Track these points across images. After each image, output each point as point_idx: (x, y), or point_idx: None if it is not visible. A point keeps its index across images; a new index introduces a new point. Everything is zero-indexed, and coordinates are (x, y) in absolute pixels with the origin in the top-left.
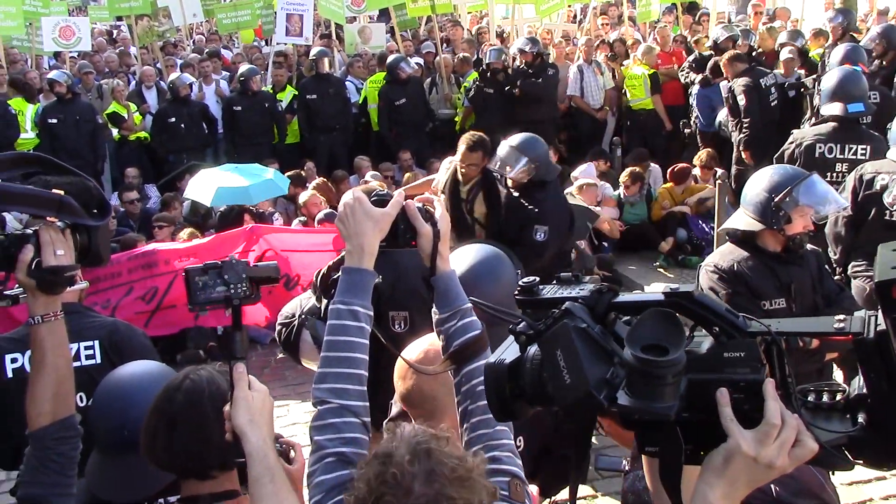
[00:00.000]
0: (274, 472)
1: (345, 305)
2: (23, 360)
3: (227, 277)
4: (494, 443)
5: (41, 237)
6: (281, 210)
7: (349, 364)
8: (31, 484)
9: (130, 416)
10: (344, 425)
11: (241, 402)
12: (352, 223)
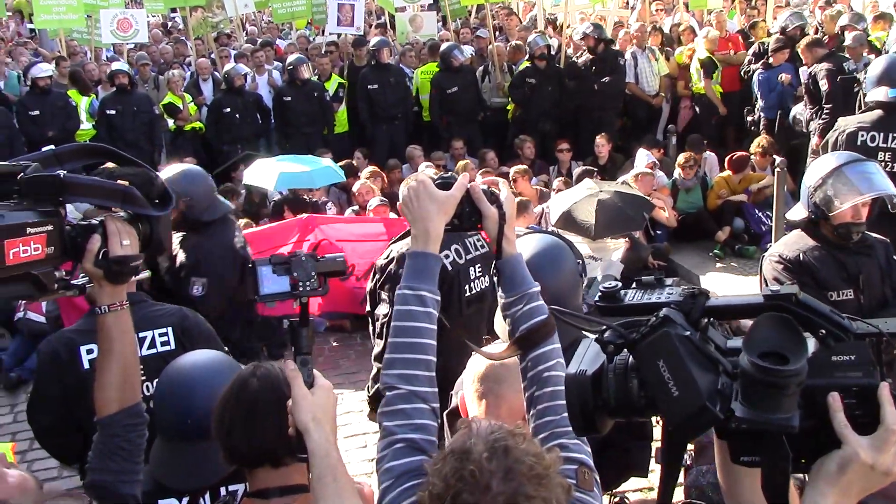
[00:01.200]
0: (337, 470)
1: (411, 291)
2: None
3: (297, 275)
4: (562, 430)
5: (107, 227)
6: (334, 200)
7: (417, 350)
8: (99, 470)
9: (194, 405)
10: (413, 411)
11: (301, 400)
12: (416, 207)
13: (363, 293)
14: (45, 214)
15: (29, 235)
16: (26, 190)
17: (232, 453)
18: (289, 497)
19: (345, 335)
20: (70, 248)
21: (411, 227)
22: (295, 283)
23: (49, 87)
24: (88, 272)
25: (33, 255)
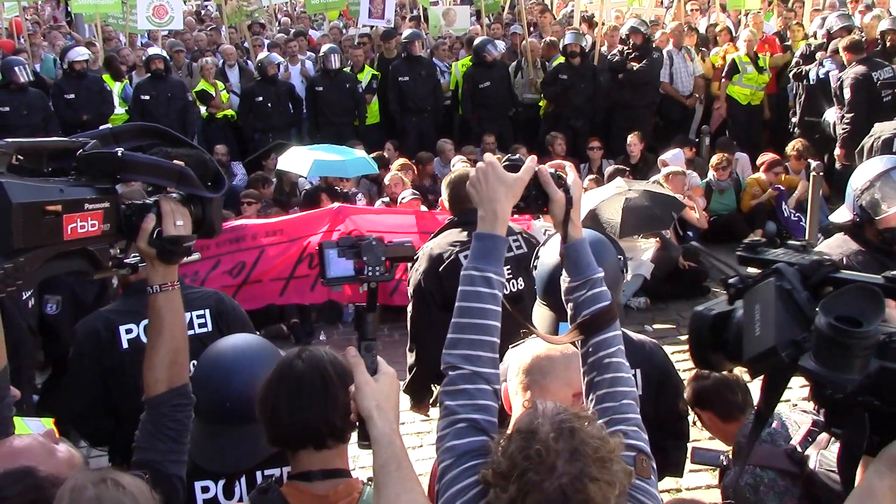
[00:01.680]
0: (400, 458)
1: (478, 272)
2: (138, 331)
3: (366, 259)
4: (620, 416)
5: (162, 207)
6: (364, 191)
7: (482, 331)
8: (146, 450)
9: (233, 389)
10: (476, 392)
11: (364, 386)
12: (484, 188)
13: (393, 284)
14: (102, 192)
15: (87, 212)
16: (84, 167)
17: (275, 434)
18: (332, 481)
19: None
20: (125, 227)
21: (478, 209)
22: (361, 267)
23: (85, 70)
24: (142, 251)
25: (90, 232)
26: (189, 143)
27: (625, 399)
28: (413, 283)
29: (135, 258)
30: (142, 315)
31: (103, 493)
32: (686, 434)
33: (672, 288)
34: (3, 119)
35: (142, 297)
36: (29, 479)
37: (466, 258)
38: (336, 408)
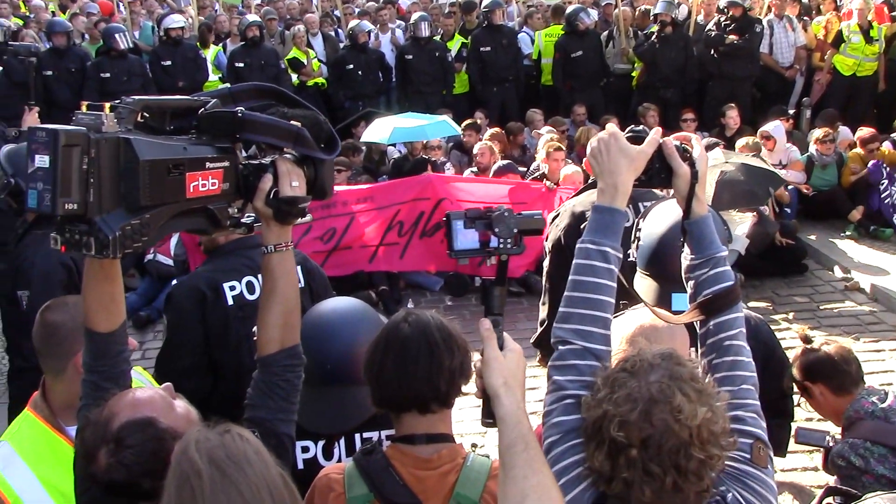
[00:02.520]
0: (528, 439)
1: (595, 245)
2: (241, 287)
3: (498, 230)
4: (738, 401)
5: (278, 168)
6: (454, 161)
7: (595, 306)
8: (258, 407)
9: (334, 350)
10: (586, 368)
11: (493, 362)
12: (606, 160)
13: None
14: (222, 151)
15: (208, 170)
16: (205, 125)
17: (381, 397)
18: (435, 445)
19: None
20: (242, 186)
21: (598, 181)
22: (487, 238)
23: (180, 37)
24: (258, 211)
25: (210, 190)
26: (304, 104)
27: (744, 384)
28: (552, 238)
29: (250, 218)
30: (242, 272)
31: (228, 443)
32: (790, 413)
33: (768, 265)
34: (104, 85)
35: (235, 256)
36: (151, 429)
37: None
38: (441, 373)
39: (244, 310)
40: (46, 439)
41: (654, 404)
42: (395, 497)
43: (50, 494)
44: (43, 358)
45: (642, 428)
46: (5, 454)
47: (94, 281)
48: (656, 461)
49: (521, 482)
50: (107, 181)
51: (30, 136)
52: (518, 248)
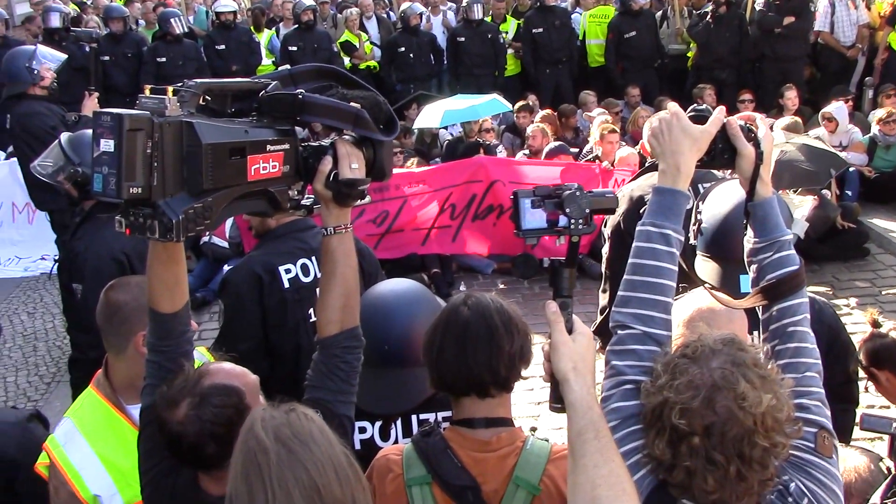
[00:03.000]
0: (599, 426)
1: (656, 228)
2: (296, 270)
3: (569, 210)
4: (802, 389)
5: (338, 150)
6: (506, 144)
7: (656, 290)
8: (317, 388)
9: (392, 332)
10: (646, 353)
11: (561, 346)
12: (667, 140)
13: None
14: (283, 133)
15: (269, 153)
16: (266, 108)
17: (439, 380)
18: (495, 429)
19: (512, 279)
20: (302, 168)
21: (659, 161)
22: (555, 217)
23: (231, 21)
24: (318, 193)
25: (271, 173)
26: (364, 85)
27: (808, 371)
28: (612, 224)
29: (309, 200)
30: (296, 255)
31: (294, 422)
32: (855, 398)
33: (828, 249)
34: (160, 69)
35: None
36: (236, 398)
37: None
38: (501, 358)
39: (300, 292)
40: (107, 417)
41: (717, 391)
42: (454, 479)
43: (108, 471)
44: (105, 336)
45: (705, 415)
46: (67, 430)
47: (157, 263)
48: (719, 449)
49: (592, 471)
50: (170, 165)
51: (95, 120)
52: (589, 227)
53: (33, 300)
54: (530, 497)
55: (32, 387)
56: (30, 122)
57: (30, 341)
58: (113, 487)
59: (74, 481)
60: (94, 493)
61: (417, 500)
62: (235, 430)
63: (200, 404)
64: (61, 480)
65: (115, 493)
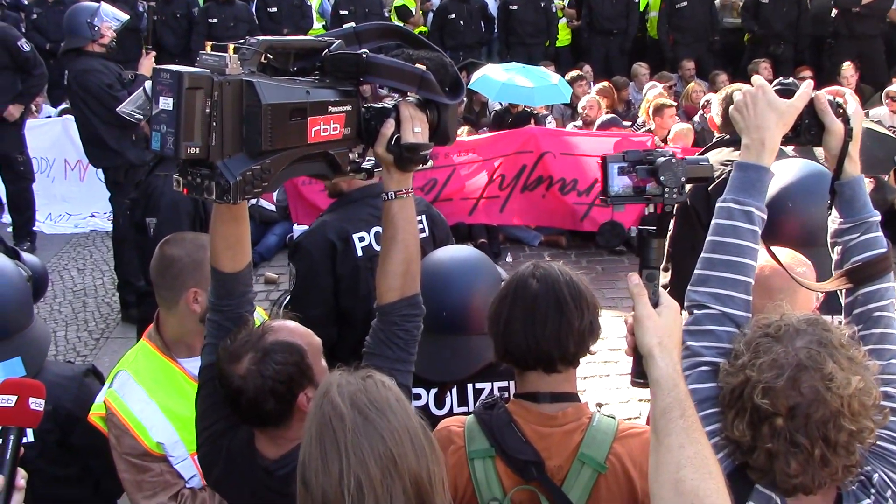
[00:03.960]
0: (685, 405)
1: (738, 205)
2: (370, 238)
3: (664, 178)
4: (888, 376)
5: (401, 112)
6: (556, 115)
7: (737, 269)
8: (376, 356)
9: (450, 299)
10: (724, 334)
11: (646, 320)
12: (752, 114)
13: (583, 209)
14: (345, 94)
15: (330, 114)
16: (329, 67)
17: (505, 352)
18: (560, 404)
19: (559, 252)
20: (364, 131)
21: (743, 136)
22: (642, 184)
23: None
24: (379, 157)
25: (332, 135)
26: (430, 46)
27: (893, 358)
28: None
29: (370, 163)
30: (370, 223)
31: (371, 389)
32: None
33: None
34: (212, 31)
35: (362, 205)
36: (298, 356)
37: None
38: (571, 333)
39: (373, 261)
40: (162, 368)
41: (802, 371)
42: (518, 453)
43: (169, 419)
44: (158, 290)
45: (789, 395)
46: (124, 381)
47: (220, 221)
48: (803, 432)
49: (677, 451)
50: (229, 125)
51: (155, 77)
52: (681, 196)
53: (83, 256)
54: (595, 475)
55: (82, 342)
56: (87, 79)
57: (79, 297)
58: (175, 435)
59: (137, 430)
60: (157, 441)
61: (480, 474)
62: (296, 389)
63: (262, 360)
64: (123, 429)
65: (178, 441)
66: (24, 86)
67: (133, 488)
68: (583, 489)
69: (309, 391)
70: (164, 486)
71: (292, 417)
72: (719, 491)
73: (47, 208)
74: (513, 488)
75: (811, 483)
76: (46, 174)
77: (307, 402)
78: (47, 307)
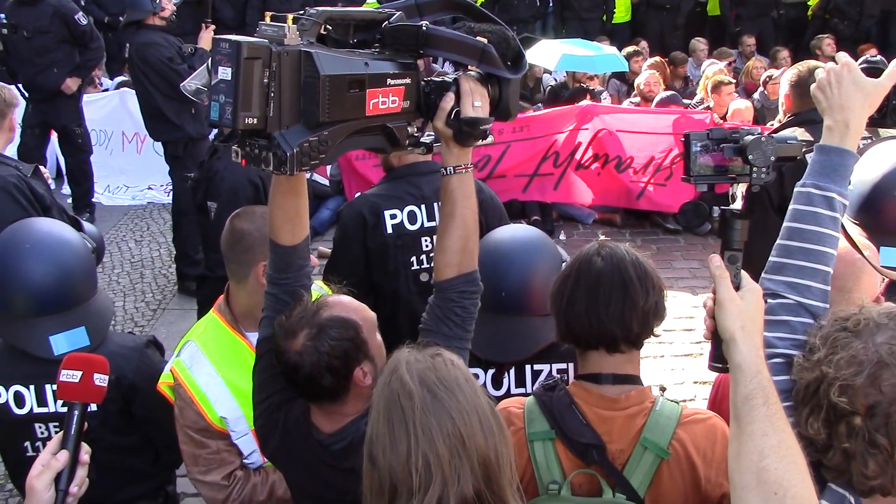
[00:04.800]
0: (768, 392)
1: (818, 190)
2: (402, 217)
3: (753, 157)
4: None
5: (461, 86)
6: (612, 91)
7: (815, 258)
8: (432, 332)
9: (509, 279)
10: (799, 325)
11: (728, 303)
12: (836, 94)
13: (639, 188)
14: (405, 67)
15: (388, 87)
16: (389, 39)
17: (567, 331)
18: (622, 386)
19: (613, 230)
20: (423, 105)
21: (825, 117)
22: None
23: None
24: (438, 131)
25: (390, 108)
26: (493, 19)
27: None
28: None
29: (430, 137)
30: (405, 201)
31: (440, 367)
32: None
33: None
34: (267, 5)
35: (404, 182)
36: (353, 332)
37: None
38: (635, 313)
39: (402, 239)
40: (230, 342)
41: (883, 368)
42: (578, 436)
43: (233, 394)
44: (228, 264)
45: (868, 394)
46: (192, 353)
47: (279, 194)
48: (883, 431)
49: (760, 439)
50: (287, 96)
51: (214, 47)
52: (770, 176)
53: (140, 228)
54: (658, 461)
55: (139, 312)
56: (147, 53)
57: (137, 268)
58: (238, 410)
59: (202, 403)
60: (220, 415)
61: (539, 456)
62: (351, 363)
63: (318, 336)
64: (187, 401)
65: (241, 417)
66: (81, 59)
67: (190, 461)
68: (644, 474)
69: (364, 366)
70: (220, 463)
71: (348, 392)
72: (805, 482)
73: (105, 180)
74: (573, 471)
75: (890, 485)
76: (104, 146)
77: (363, 376)
78: (105, 278)
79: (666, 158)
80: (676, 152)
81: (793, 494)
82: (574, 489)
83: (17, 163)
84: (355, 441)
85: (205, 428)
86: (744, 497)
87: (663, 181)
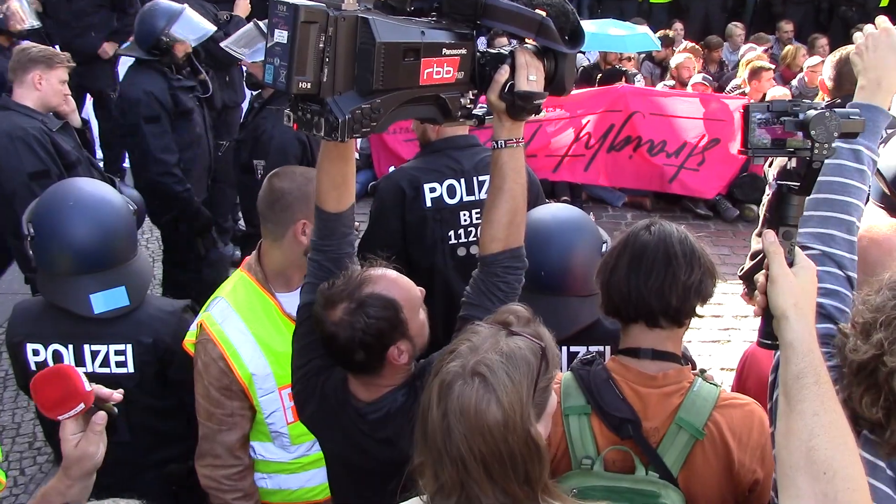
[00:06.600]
0: (820, 371)
1: (846, 144)
2: (441, 190)
3: (815, 133)
4: None
5: (517, 59)
6: (645, 73)
7: (840, 208)
8: (476, 306)
9: (549, 258)
10: (825, 275)
11: (781, 279)
12: (872, 56)
13: (672, 171)
14: (461, 37)
15: (444, 57)
16: (446, 9)
17: (609, 302)
18: (661, 363)
19: (643, 214)
20: (477, 76)
21: (859, 78)
22: (783, 137)
23: None
24: (492, 104)
25: (445, 78)
26: None
27: None
28: (777, 165)
29: (482, 109)
30: (444, 175)
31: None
32: None
33: None
34: None
35: (442, 156)
36: (392, 311)
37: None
38: (675, 287)
39: (441, 213)
40: (260, 300)
41: None
42: (615, 411)
43: (263, 351)
44: (265, 222)
45: None
46: (223, 309)
47: (327, 160)
48: None
49: (811, 419)
50: (342, 61)
51: (272, 9)
52: (831, 152)
53: None
54: (692, 441)
55: None
56: None
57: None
58: (267, 367)
59: (232, 358)
60: (250, 371)
61: (574, 430)
62: (386, 342)
63: (355, 311)
64: (215, 356)
65: (269, 374)
66: (119, 24)
67: (204, 416)
68: (678, 454)
69: (402, 344)
70: (230, 427)
71: (383, 367)
72: (855, 463)
73: None
74: (607, 447)
75: None
76: None
77: (398, 354)
78: None
79: (699, 143)
80: (708, 138)
81: (843, 476)
82: (607, 465)
83: (45, 117)
84: (391, 412)
85: (226, 386)
86: (791, 476)
87: (695, 166)
